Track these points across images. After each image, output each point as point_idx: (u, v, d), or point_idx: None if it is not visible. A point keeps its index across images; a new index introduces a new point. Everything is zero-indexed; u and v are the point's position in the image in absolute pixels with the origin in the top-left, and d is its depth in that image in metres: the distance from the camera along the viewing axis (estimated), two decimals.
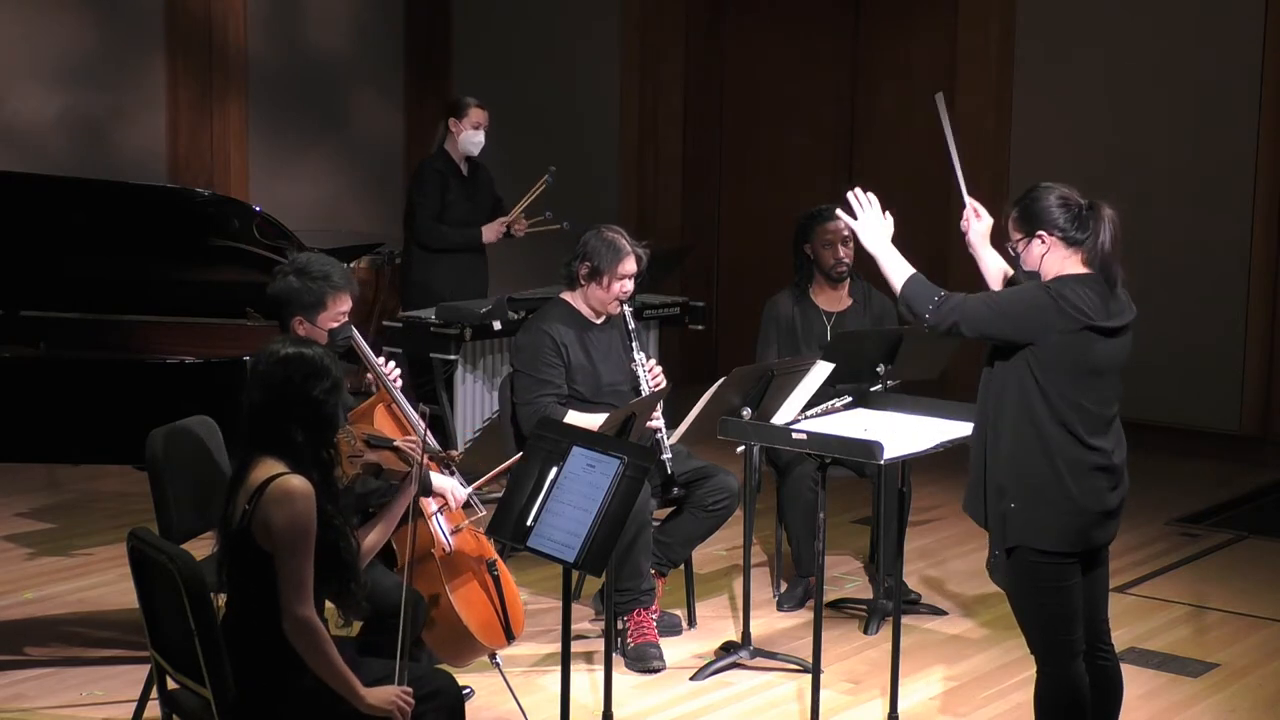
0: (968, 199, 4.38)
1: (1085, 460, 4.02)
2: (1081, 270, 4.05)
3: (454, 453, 4.69)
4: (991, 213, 4.37)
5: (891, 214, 4.32)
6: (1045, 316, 3.99)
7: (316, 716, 3.73)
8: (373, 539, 4.16)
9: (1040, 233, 4.06)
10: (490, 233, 7.62)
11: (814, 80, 9.87)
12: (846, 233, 6.18)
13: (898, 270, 4.22)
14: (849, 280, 6.26)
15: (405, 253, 7.84)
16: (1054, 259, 4.07)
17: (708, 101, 10.26)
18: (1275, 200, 8.34)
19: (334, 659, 3.68)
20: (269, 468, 3.72)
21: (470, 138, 7.63)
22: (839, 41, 9.80)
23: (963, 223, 4.37)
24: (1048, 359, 3.99)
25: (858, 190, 4.33)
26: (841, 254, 6.18)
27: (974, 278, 4.41)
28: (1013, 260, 4.21)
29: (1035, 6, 8.93)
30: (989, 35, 9.01)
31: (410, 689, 3.78)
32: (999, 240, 4.30)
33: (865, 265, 6.35)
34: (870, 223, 4.31)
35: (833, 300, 6.26)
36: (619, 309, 5.73)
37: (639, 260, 5.68)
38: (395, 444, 4.33)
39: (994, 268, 4.36)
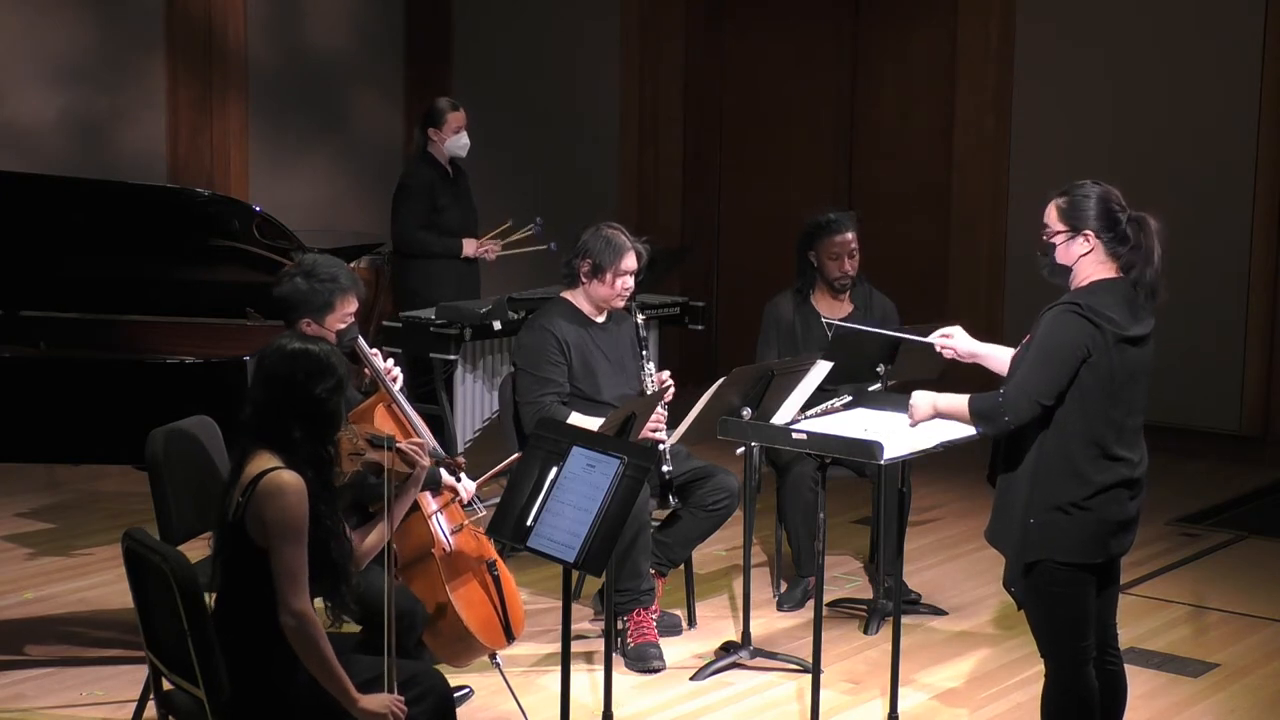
0: (931, 338, 4.39)
1: (1110, 475, 4.01)
2: (1113, 276, 4.04)
3: (460, 459, 4.67)
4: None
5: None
6: (1087, 338, 3.97)
7: (311, 716, 3.72)
8: (373, 539, 4.15)
9: (1087, 232, 4.04)
10: (470, 247, 7.61)
11: (814, 80, 9.86)
12: (854, 246, 6.16)
13: (957, 402, 4.16)
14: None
15: (395, 258, 7.83)
16: (1091, 261, 4.05)
17: (708, 101, 10.25)
18: (1275, 200, 8.33)
19: (329, 658, 3.68)
20: (264, 461, 3.73)
21: (456, 142, 7.61)
22: (839, 41, 9.79)
23: (944, 352, 4.36)
24: (1091, 373, 3.97)
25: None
26: (847, 267, 6.15)
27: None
28: (1045, 249, 4.12)
29: (1035, 6, 8.93)
30: (989, 35, 9.01)
31: (403, 697, 3.77)
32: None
33: (867, 268, 6.39)
34: (918, 411, 4.29)
35: (834, 307, 6.23)
36: (623, 304, 5.74)
37: (639, 255, 5.70)
38: (399, 446, 4.31)
39: (1000, 357, 4.29)
